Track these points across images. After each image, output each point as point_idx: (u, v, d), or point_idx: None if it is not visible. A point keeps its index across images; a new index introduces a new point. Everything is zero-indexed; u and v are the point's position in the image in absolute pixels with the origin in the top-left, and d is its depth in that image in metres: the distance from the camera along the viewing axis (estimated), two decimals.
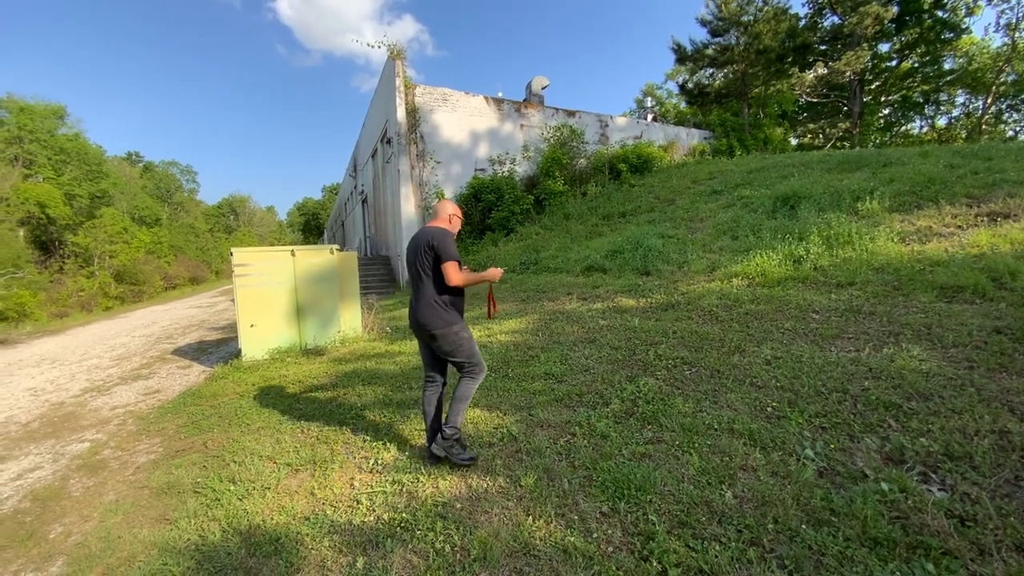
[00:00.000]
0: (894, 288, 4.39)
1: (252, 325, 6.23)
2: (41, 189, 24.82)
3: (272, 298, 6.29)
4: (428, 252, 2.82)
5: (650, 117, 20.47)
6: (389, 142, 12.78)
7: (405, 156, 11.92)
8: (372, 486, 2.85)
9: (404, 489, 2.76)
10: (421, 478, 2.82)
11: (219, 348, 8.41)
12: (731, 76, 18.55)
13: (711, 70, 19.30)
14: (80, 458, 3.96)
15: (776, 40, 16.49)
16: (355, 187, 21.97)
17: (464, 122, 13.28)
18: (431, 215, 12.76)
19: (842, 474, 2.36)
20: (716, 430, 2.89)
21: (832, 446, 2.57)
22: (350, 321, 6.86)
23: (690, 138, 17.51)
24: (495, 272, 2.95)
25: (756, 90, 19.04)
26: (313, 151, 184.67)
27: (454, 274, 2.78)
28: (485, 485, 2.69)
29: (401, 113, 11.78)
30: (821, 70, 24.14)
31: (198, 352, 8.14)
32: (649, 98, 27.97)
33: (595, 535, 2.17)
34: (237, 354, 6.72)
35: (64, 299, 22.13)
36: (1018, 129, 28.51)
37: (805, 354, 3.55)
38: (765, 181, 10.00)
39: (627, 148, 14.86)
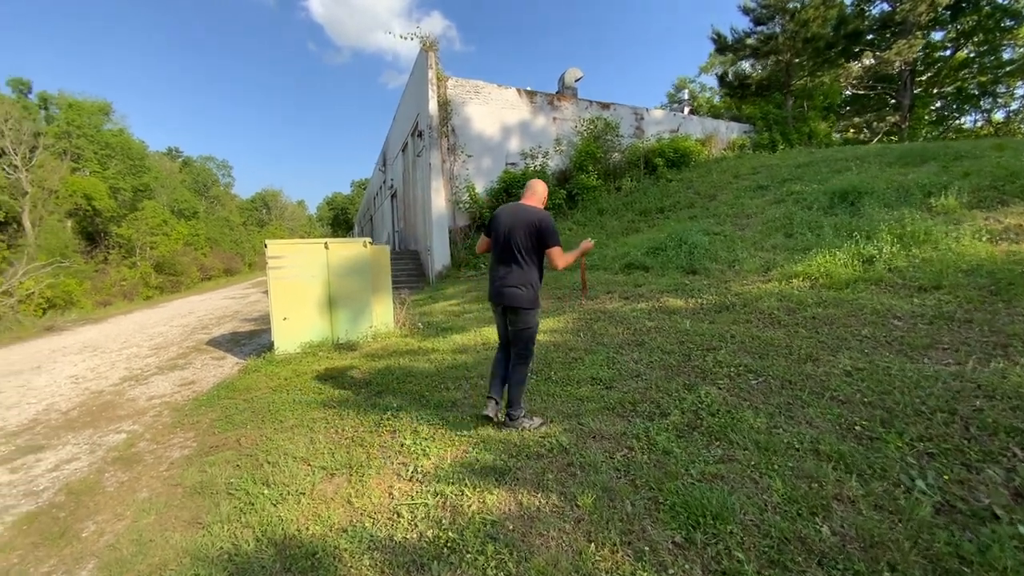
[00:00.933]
0: (991, 293, 3.91)
1: (285, 318, 6.16)
2: (88, 182, 25.89)
3: (305, 291, 6.20)
4: (532, 232, 2.90)
5: (687, 110, 19.74)
6: (420, 135, 12.64)
7: (436, 149, 11.75)
8: (413, 497, 2.64)
9: (448, 502, 2.54)
10: (466, 491, 2.59)
11: (252, 340, 8.44)
12: (774, 67, 17.63)
13: (752, 61, 18.40)
14: (116, 450, 3.90)
15: (825, 27, 15.55)
16: (384, 181, 22.04)
17: (496, 115, 13.02)
18: (462, 209, 12.68)
19: (964, 512, 2.01)
20: (797, 450, 2.55)
21: (946, 477, 2.20)
22: (382, 316, 6.72)
23: (729, 132, 16.76)
24: (588, 244, 3.15)
25: (800, 81, 18.06)
26: (342, 147, 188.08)
27: (561, 259, 2.95)
28: (537, 503, 2.44)
29: (433, 105, 11.62)
30: (867, 60, 22.78)
31: (232, 343, 8.18)
32: (685, 91, 27.04)
33: (671, 571, 1.89)
34: (270, 347, 6.68)
35: (108, 288, 23.04)
36: None
37: (893, 366, 3.15)
38: (816, 176, 9.39)
39: (663, 142, 14.31)
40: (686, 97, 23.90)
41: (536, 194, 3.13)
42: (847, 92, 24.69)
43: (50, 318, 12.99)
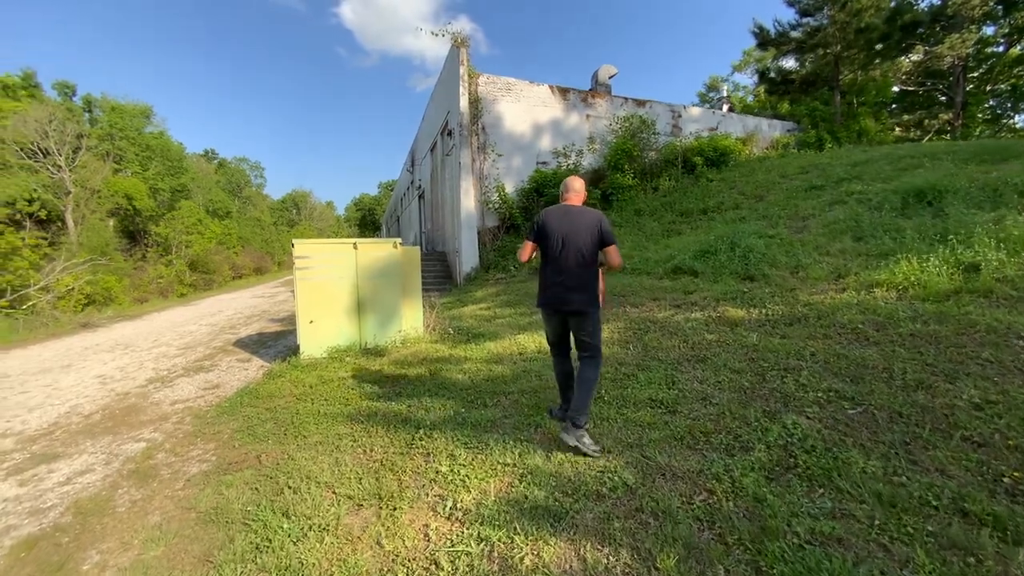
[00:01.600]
0: None
1: (311, 321, 5.89)
2: (129, 182, 26.74)
3: (332, 293, 5.92)
4: (594, 232, 2.87)
5: (725, 108, 18.89)
6: (450, 134, 12.35)
7: (467, 147, 11.43)
8: (452, 540, 2.24)
9: (495, 552, 2.13)
10: (516, 538, 2.17)
11: (277, 341, 8.26)
12: (820, 61, 16.60)
13: (796, 55, 17.37)
14: (133, 461, 3.65)
15: (880, 17, 14.52)
16: (412, 182, 21.94)
17: (527, 113, 12.62)
18: (491, 209, 12.31)
19: None
20: (935, 508, 2.03)
21: None
22: (411, 320, 6.39)
23: (772, 130, 15.88)
24: None
25: (849, 76, 16.98)
26: (369, 148, 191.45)
27: (618, 257, 2.96)
28: (605, 561, 2.00)
29: (464, 103, 11.30)
30: (916, 56, 21.37)
31: (258, 344, 8.01)
32: (723, 89, 26.01)
33: None
34: (295, 350, 6.44)
35: (145, 285, 23.66)
36: None
37: None
38: (878, 174, 8.63)
39: (702, 140, 13.62)
40: (724, 94, 22.93)
41: (579, 192, 3.10)
42: (896, 89, 23.29)
43: (87, 314, 13.24)
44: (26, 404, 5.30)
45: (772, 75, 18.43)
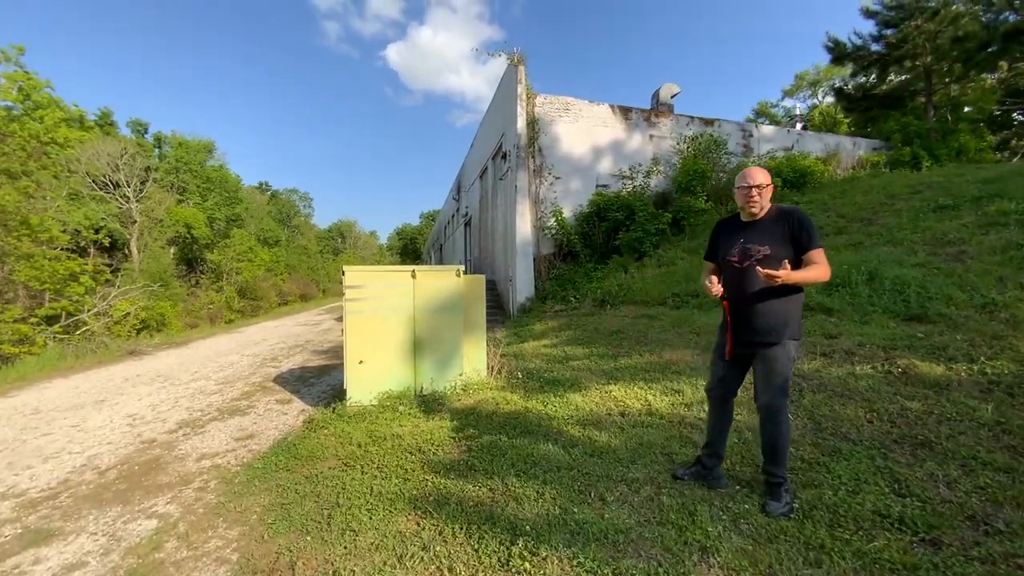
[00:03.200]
0: None
1: (361, 361, 5.03)
2: (189, 212, 27.92)
3: (386, 328, 5.07)
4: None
5: (799, 126, 17.52)
6: (504, 157, 11.70)
7: (523, 170, 10.68)
8: None
9: None
10: None
11: (320, 379, 7.49)
12: (909, 74, 15.05)
13: (876, 70, 15.87)
14: (136, 553, 2.78)
15: (978, 25, 12.98)
16: (458, 210, 21.58)
17: (586, 133, 11.82)
18: (547, 235, 11.39)
19: None
20: None
21: None
22: (473, 361, 5.43)
23: (856, 148, 14.36)
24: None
25: (940, 91, 15.30)
26: (413, 180, 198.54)
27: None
28: None
29: (521, 123, 10.63)
30: (1000, 73, 19.27)
31: (299, 382, 7.26)
32: (797, 107, 24.52)
33: None
34: (339, 392, 5.61)
35: (196, 311, 24.17)
36: None
37: None
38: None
39: (778, 160, 12.35)
40: (798, 112, 21.50)
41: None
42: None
43: (135, 341, 13.15)
44: (44, 451, 4.64)
45: (849, 91, 16.96)
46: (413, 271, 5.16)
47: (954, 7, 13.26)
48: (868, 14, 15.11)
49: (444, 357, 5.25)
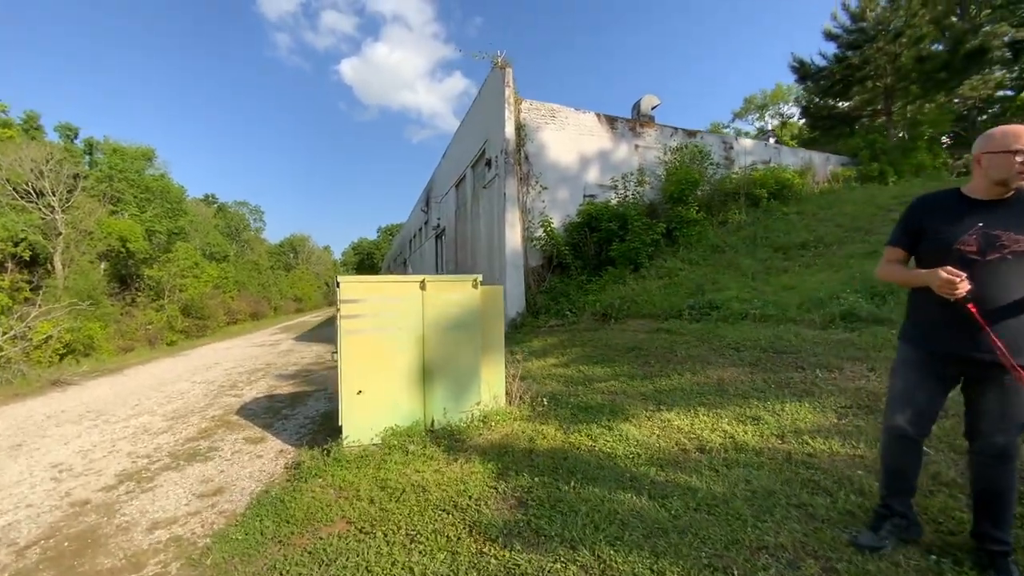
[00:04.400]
0: None
1: (359, 392, 4.15)
2: (123, 224, 25.31)
3: (391, 351, 4.23)
4: None
5: (772, 141, 18.09)
6: (488, 164, 11.09)
7: (512, 177, 10.09)
8: None
9: None
10: None
11: (294, 408, 6.44)
12: (869, 93, 15.90)
13: (840, 89, 16.68)
14: None
15: (943, 44, 13.73)
16: (427, 221, 20.69)
17: (573, 142, 11.44)
18: (535, 246, 10.78)
19: None
20: None
21: None
22: (492, 386, 4.67)
23: (827, 163, 14.91)
24: None
25: (900, 108, 16.20)
26: (368, 195, 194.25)
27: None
28: None
29: (510, 128, 10.08)
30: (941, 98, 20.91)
31: (270, 414, 6.18)
32: (769, 122, 25.48)
33: None
34: (327, 429, 4.70)
35: (132, 332, 21.69)
36: None
37: None
38: None
39: (761, 172, 12.51)
40: (769, 127, 22.36)
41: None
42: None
43: (59, 369, 11.29)
44: None
45: (812, 109, 17.76)
46: (422, 281, 4.37)
47: (918, 25, 14.03)
48: (829, 36, 15.94)
49: (459, 384, 4.46)
